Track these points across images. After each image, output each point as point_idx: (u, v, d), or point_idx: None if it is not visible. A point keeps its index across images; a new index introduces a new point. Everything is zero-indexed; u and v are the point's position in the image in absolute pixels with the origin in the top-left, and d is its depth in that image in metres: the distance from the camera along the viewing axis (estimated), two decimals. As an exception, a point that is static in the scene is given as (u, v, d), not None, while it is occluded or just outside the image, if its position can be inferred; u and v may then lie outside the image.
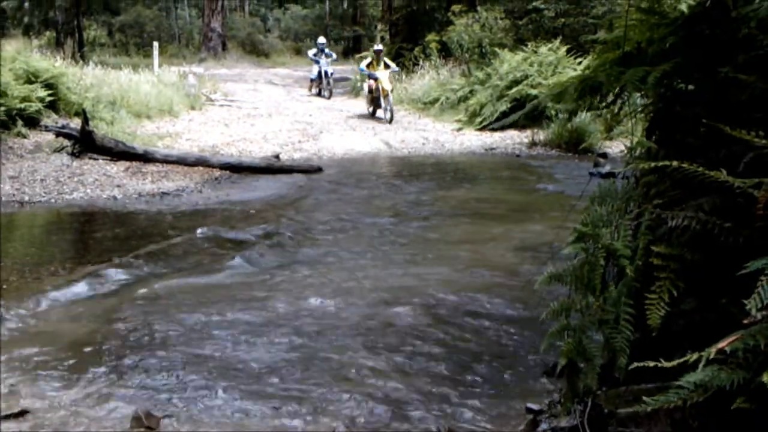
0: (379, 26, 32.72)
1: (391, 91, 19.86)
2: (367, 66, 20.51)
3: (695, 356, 2.28)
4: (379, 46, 21.49)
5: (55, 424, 4.35)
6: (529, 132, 16.61)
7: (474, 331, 5.84)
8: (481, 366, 5.20)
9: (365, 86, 20.97)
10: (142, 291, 6.86)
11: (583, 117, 14.30)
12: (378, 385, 4.86)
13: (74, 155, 13.03)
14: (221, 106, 22.14)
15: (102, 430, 4.31)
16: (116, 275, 7.32)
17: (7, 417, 4.34)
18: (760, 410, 2.28)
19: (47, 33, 34.06)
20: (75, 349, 5.51)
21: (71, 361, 5.28)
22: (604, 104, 3.96)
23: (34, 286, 6.90)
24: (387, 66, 20.31)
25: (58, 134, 13.43)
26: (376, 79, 19.86)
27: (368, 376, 5.01)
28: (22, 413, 4.41)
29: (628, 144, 3.73)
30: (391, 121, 19.18)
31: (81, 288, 6.96)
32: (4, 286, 6.84)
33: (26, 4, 33.60)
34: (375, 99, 20.02)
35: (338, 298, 6.60)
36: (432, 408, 4.57)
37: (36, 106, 14.74)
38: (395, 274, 7.31)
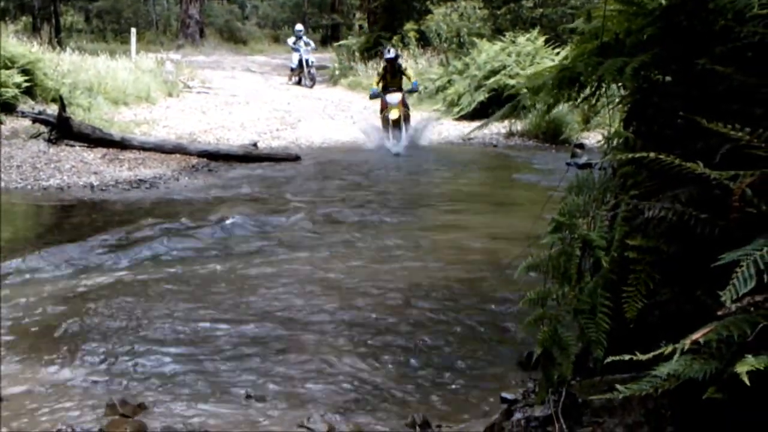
0: (358, 14, 32.66)
1: (406, 119, 15.03)
2: (378, 82, 15.29)
3: (670, 348, 2.29)
4: (390, 53, 15.69)
5: (30, 412, 4.32)
6: (506, 122, 16.63)
7: (449, 320, 5.84)
8: (456, 356, 5.20)
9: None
10: (115, 275, 6.84)
11: (561, 108, 14.35)
12: (352, 375, 4.85)
13: (51, 142, 12.96)
14: (199, 93, 22.04)
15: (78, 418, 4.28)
16: (89, 258, 7.31)
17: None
18: (731, 400, 2.29)
19: (23, 18, 33.78)
20: (46, 333, 5.47)
21: (43, 346, 5.24)
22: (582, 96, 3.96)
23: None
24: (403, 76, 15.28)
25: (34, 120, 13.36)
26: (385, 104, 14.97)
27: (342, 366, 4.99)
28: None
29: (606, 135, 3.73)
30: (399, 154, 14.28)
31: (50, 271, 6.94)
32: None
33: (2, -11, 33.30)
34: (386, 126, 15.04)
35: (313, 287, 6.58)
36: (407, 398, 4.57)
37: (12, 91, 14.62)
38: (371, 263, 7.30)
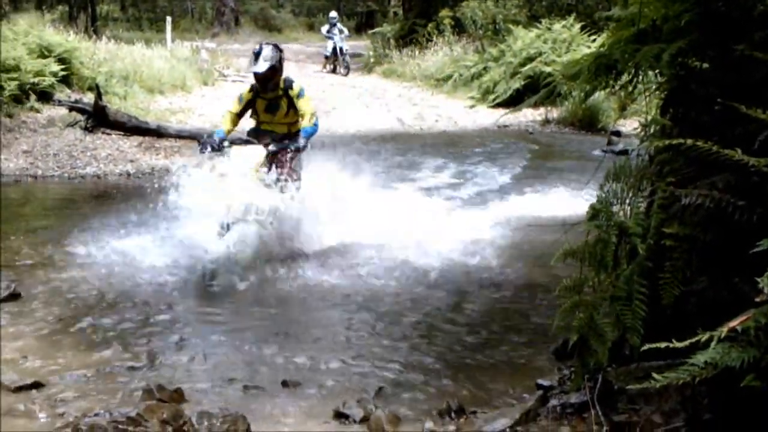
0: (393, 1, 32.56)
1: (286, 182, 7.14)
2: (237, 114, 7.29)
3: (707, 335, 2.28)
4: (261, 63, 6.98)
5: (69, 397, 4.37)
6: (542, 110, 16.54)
7: (483, 307, 5.85)
8: (491, 343, 5.20)
9: None
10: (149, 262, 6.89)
11: (597, 95, 14.25)
12: (387, 363, 4.86)
13: (87, 130, 13.05)
14: (234, 81, 22.07)
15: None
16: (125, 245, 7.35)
17: (20, 389, 4.35)
18: (771, 388, 2.28)
19: (60, 7, 34.01)
20: (80, 320, 5.54)
21: (78, 333, 5.32)
22: (619, 83, 3.94)
23: (44, 260, 6.93)
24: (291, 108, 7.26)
25: (71, 109, 13.46)
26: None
27: (377, 353, 5.01)
28: (36, 385, 4.42)
29: (642, 122, 3.72)
30: None
31: (87, 258, 6.99)
32: (16, 258, 6.88)
33: (39, -22, 33.56)
34: None
35: (347, 270, 6.63)
36: (441, 384, 4.58)
37: (49, 80, 14.73)
38: (410, 245, 7.28)
